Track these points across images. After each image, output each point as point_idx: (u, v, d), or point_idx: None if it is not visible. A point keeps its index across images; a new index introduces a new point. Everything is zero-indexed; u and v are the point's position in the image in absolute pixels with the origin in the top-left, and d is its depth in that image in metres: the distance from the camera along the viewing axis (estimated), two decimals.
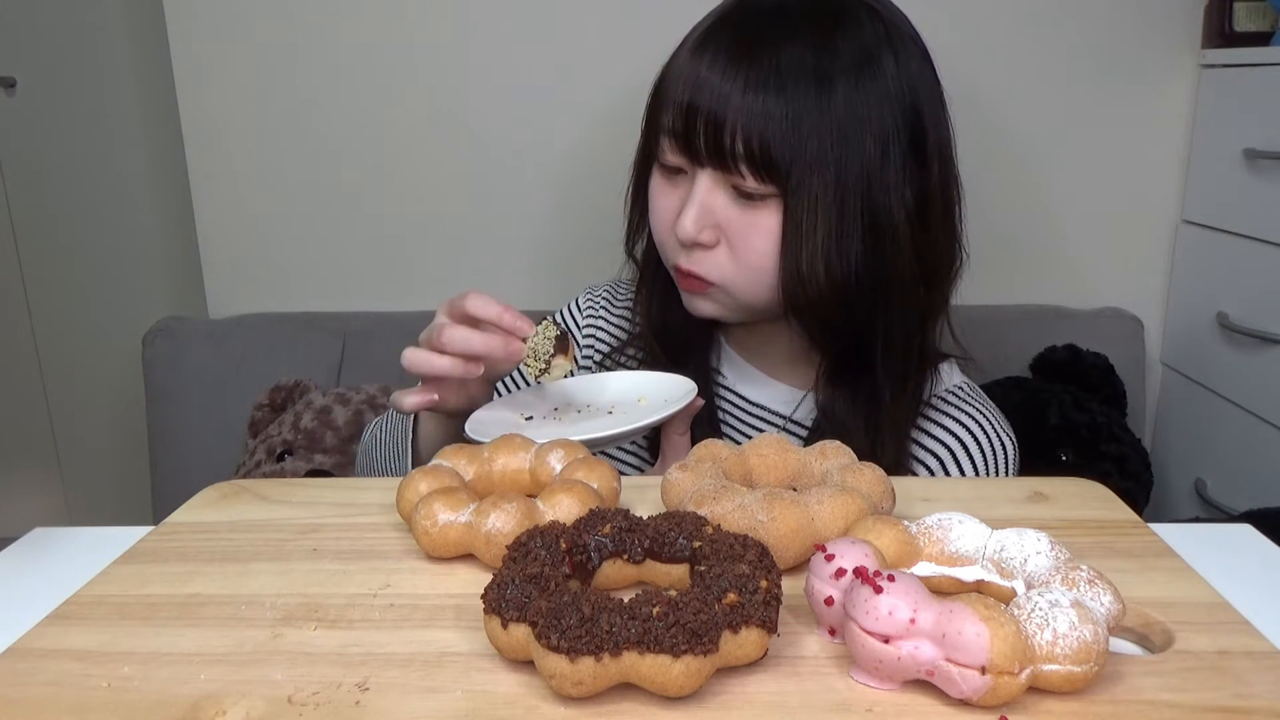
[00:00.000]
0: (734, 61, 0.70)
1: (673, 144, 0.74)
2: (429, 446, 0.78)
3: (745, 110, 0.69)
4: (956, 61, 1.39)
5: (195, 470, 1.39)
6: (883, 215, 0.72)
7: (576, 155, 1.45)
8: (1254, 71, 1.27)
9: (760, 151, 0.69)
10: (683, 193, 0.75)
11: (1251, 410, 1.29)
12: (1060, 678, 0.37)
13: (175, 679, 0.40)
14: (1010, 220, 1.45)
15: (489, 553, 0.48)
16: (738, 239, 0.73)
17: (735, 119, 0.69)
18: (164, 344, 1.44)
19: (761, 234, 0.72)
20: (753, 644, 0.39)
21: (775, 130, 0.69)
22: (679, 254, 0.76)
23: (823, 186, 0.70)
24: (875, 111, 0.71)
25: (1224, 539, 0.59)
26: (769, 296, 0.75)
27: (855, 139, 0.70)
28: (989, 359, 1.36)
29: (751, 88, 0.69)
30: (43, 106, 1.85)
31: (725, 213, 0.73)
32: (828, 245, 0.71)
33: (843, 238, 0.71)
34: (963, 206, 0.78)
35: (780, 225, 0.71)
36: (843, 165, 0.70)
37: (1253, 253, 1.28)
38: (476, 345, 0.68)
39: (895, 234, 0.72)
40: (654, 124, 0.77)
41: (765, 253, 0.72)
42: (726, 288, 0.75)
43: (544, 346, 0.70)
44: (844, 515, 0.48)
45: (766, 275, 0.73)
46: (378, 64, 1.43)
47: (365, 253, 1.51)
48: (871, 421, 0.77)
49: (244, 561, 0.51)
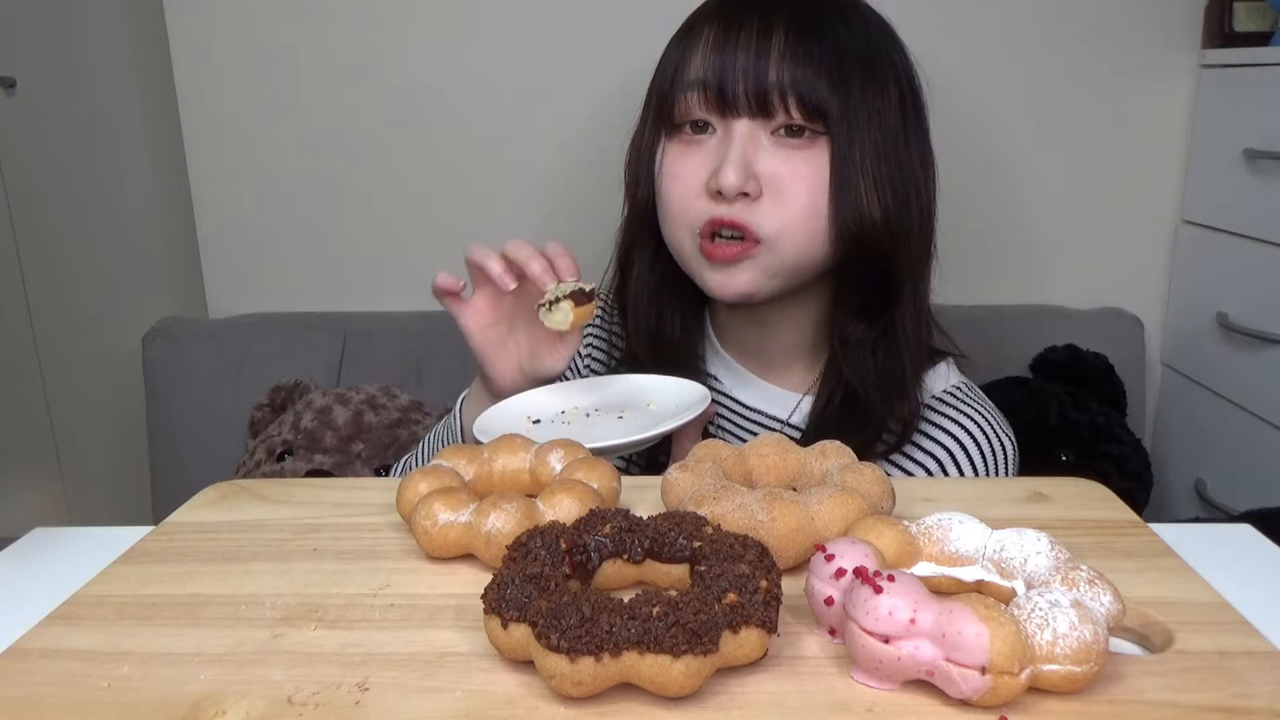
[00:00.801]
0: (766, 19, 0.72)
1: (702, 97, 0.73)
2: None
3: (788, 53, 0.70)
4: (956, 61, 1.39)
5: (195, 470, 1.39)
6: (904, 159, 0.75)
7: (577, 155, 1.45)
8: (1254, 71, 1.27)
9: (809, 88, 0.70)
10: (708, 153, 0.74)
11: (1251, 410, 1.29)
12: (1060, 678, 0.37)
13: (175, 679, 0.40)
14: (1010, 220, 1.45)
15: (489, 553, 0.48)
16: (784, 185, 0.72)
17: (779, 62, 0.70)
18: (164, 344, 1.44)
19: (809, 177, 0.72)
20: (753, 644, 0.39)
21: (820, 69, 0.71)
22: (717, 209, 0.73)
23: (867, 123, 0.72)
24: (891, 70, 0.75)
25: (1224, 539, 0.58)
26: (817, 247, 0.74)
27: (885, 85, 0.74)
28: (989, 359, 1.36)
29: (793, 39, 0.71)
30: (43, 106, 1.85)
31: (768, 160, 0.72)
32: (878, 182, 0.73)
33: (888, 177, 0.74)
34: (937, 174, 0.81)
35: (829, 164, 0.72)
36: (882, 105, 0.73)
37: (1253, 253, 1.28)
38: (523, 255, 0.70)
39: (914, 179, 0.76)
40: (671, 86, 0.76)
41: (816, 194, 0.72)
42: (775, 243, 0.73)
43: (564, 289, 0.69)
44: (844, 515, 0.48)
45: (819, 218, 0.73)
46: (378, 64, 1.43)
47: (365, 253, 1.51)
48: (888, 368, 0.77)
49: (244, 561, 0.51)
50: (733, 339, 0.86)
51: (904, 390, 0.77)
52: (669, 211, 0.78)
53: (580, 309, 0.68)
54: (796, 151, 0.72)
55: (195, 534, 0.55)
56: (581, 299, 0.69)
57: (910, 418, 0.77)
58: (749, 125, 0.72)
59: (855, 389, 0.78)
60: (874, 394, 0.77)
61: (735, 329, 0.85)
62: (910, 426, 0.78)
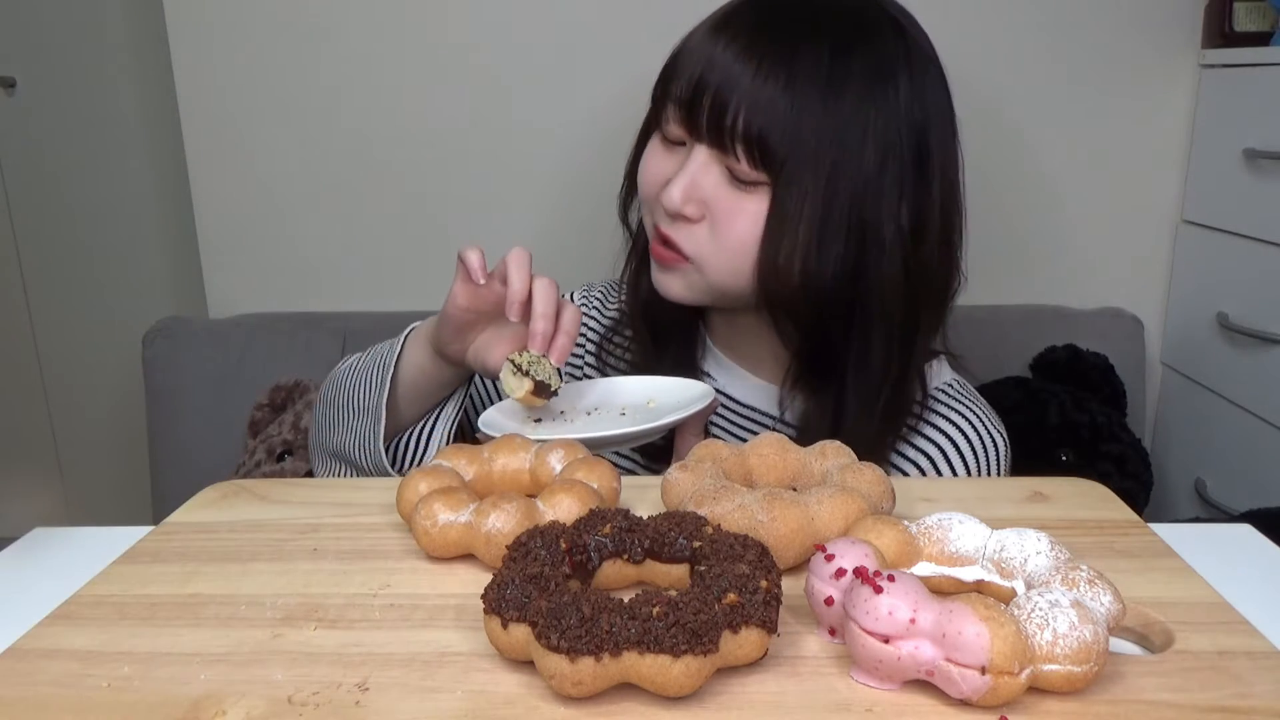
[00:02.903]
0: (751, 47, 0.71)
1: (677, 114, 0.74)
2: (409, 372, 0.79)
3: (751, 95, 0.70)
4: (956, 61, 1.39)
5: (195, 470, 1.39)
6: (872, 226, 0.72)
7: (578, 155, 1.45)
8: (1254, 71, 1.27)
9: (758, 137, 0.70)
10: (676, 163, 0.75)
11: (1251, 410, 1.29)
12: (1060, 678, 0.37)
13: (175, 679, 0.40)
14: (1010, 220, 1.45)
15: (489, 553, 0.48)
16: (722, 219, 0.73)
17: (740, 101, 0.70)
18: (164, 344, 1.44)
19: (746, 218, 0.72)
20: (753, 644, 0.39)
21: (777, 120, 0.69)
22: (661, 220, 0.76)
23: (814, 184, 0.70)
24: (880, 124, 0.71)
25: (1224, 539, 0.59)
26: (741, 283, 0.75)
27: (855, 146, 0.70)
28: (989, 359, 1.36)
29: (761, 76, 0.70)
30: (43, 106, 1.85)
31: (714, 191, 0.73)
32: (808, 242, 0.71)
33: (825, 238, 0.71)
34: (965, 233, 0.78)
35: (766, 214, 0.72)
36: (838, 168, 0.70)
37: (1253, 253, 1.28)
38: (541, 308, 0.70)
39: (883, 246, 0.72)
40: (663, 92, 0.77)
41: (746, 237, 0.73)
42: (700, 265, 0.75)
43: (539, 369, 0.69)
44: (844, 515, 0.48)
45: (744, 260, 0.73)
46: (378, 64, 1.43)
47: (365, 253, 1.51)
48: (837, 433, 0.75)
49: (244, 561, 0.51)
50: (723, 336, 0.86)
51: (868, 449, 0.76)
52: (640, 197, 0.81)
53: (532, 396, 0.69)
54: (743, 191, 0.73)
55: (195, 534, 0.55)
56: (543, 392, 0.69)
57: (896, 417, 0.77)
58: (707, 153, 0.73)
59: None
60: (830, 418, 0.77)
61: (725, 326, 0.85)
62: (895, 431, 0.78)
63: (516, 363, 0.69)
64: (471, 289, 0.73)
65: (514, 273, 0.70)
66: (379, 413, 0.78)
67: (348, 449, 0.80)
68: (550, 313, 0.70)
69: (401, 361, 0.80)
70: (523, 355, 0.69)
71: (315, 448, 0.87)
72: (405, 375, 0.80)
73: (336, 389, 0.84)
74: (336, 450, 0.82)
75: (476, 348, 0.76)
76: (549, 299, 0.71)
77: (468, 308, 0.74)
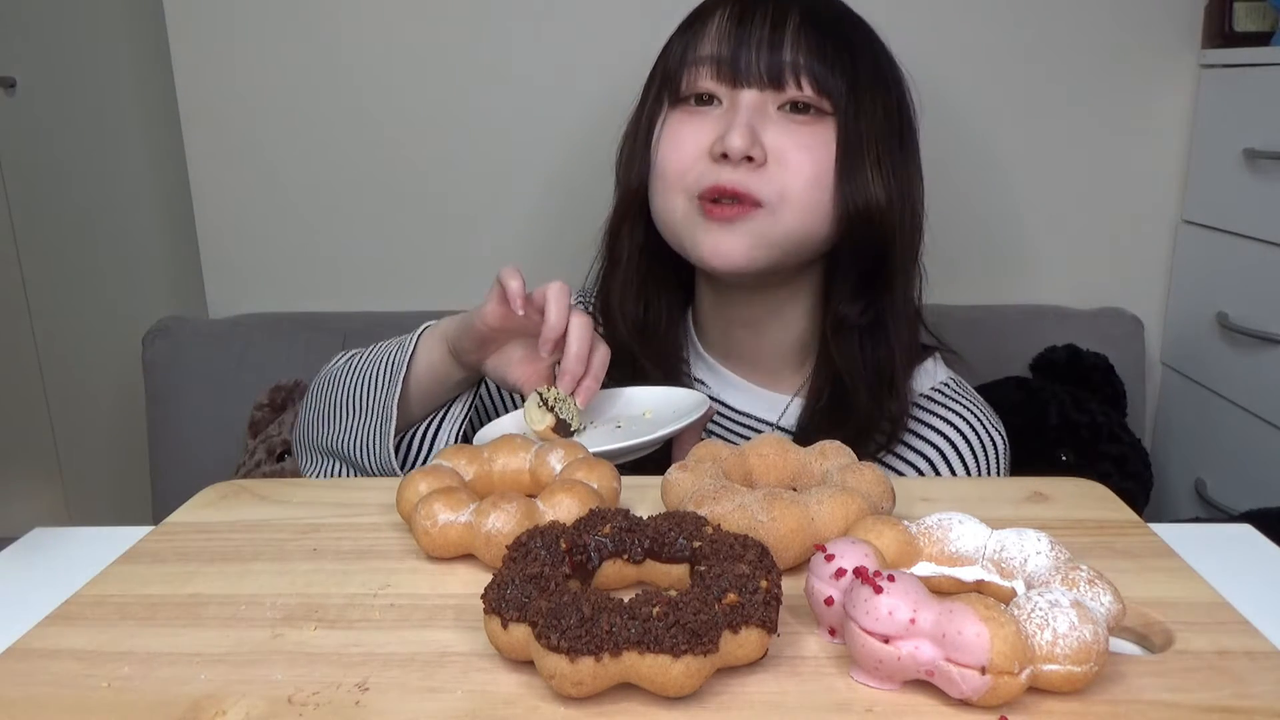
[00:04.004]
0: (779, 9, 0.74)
1: (713, 69, 0.75)
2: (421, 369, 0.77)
3: (801, 36, 0.73)
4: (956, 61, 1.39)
5: (195, 470, 1.39)
6: (901, 155, 0.77)
7: (578, 156, 1.45)
8: (1254, 71, 1.27)
9: (821, 67, 0.73)
10: (712, 121, 0.75)
11: (1251, 410, 1.29)
12: (1060, 678, 0.37)
13: (175, 679, 0.40)
14: (1010, 220, 1.45)
15: (489, 553, 0.48)
16: (792, 156, 0.73)
17: (793, 42, 0.73)
18: (164, 344, 1.44)
19: (818, 147, 0.74)
20: (753, 644, 0.39)
21: (831, 54, 0.73)
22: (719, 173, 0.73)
23: (873, 106, 0.75)
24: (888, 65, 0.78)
25: (1224, 539, 0.59)
26: (816, 221, 0.74)
27: (885, 75, 0.77)
28: (989, 359, 1.36)
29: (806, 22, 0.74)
30: (43, 106, 1.85)
31: (775, 131, 0.73)
32: (881, 163, 0.74)
33: (893, 157, 0.76)
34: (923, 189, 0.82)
35: (836, 143, 0.74)
36: (886, 91, 0.76)
37: (1253, 253, 1.28)
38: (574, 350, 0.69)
39: (911, 174, 0.78)
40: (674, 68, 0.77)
41: (822, 167, 0.73)
42: (776, 208, 0.73)
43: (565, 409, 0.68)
44: (844, 515, 0.48)
45: (823, 191, 0.74)
46: (378, 64, 1.43)
47: (365, 253, 1.51)
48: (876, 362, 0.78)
49: (244, 561, 0.51)
50: (717, 342, 0.85)
51: (893, 385, 0.77)
52: (666, 176, 0.76)
53: (552, 431, 0.69)
54: (803, 127, 0.74)
55: (195, 534, 0.55)
56: (564, 430, 0.69)
57: (899, 416, 0.78)
58: (758, 96, 0.73)
59: (845, 386, 0.78)
60: (862, 387, 0.77)
61: (721, 331, 0.84)
62: (899, 425, 0.78)
63: (544, 397, 0.68)
64: (505, 312, 0.71)
65: (553, 309, 0.69)
66: (388, 412, 0.76)
67: (348, 448, 0.79)
68: (584, 354, 0.69)
69: (413, 362, 0.78)
70: (550, 391, 0.69)
71: (304, 444, 0.85)
72: (416, 376, 0.78)
73: (333, 386, 0.82)
74: (333, 449, 0.81)
75: (498, 362, 0.75)
76: (584, 339, 0.69)
77: (498, 328, 0.72)
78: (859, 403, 0.77)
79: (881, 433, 0.77)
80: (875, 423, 0.77)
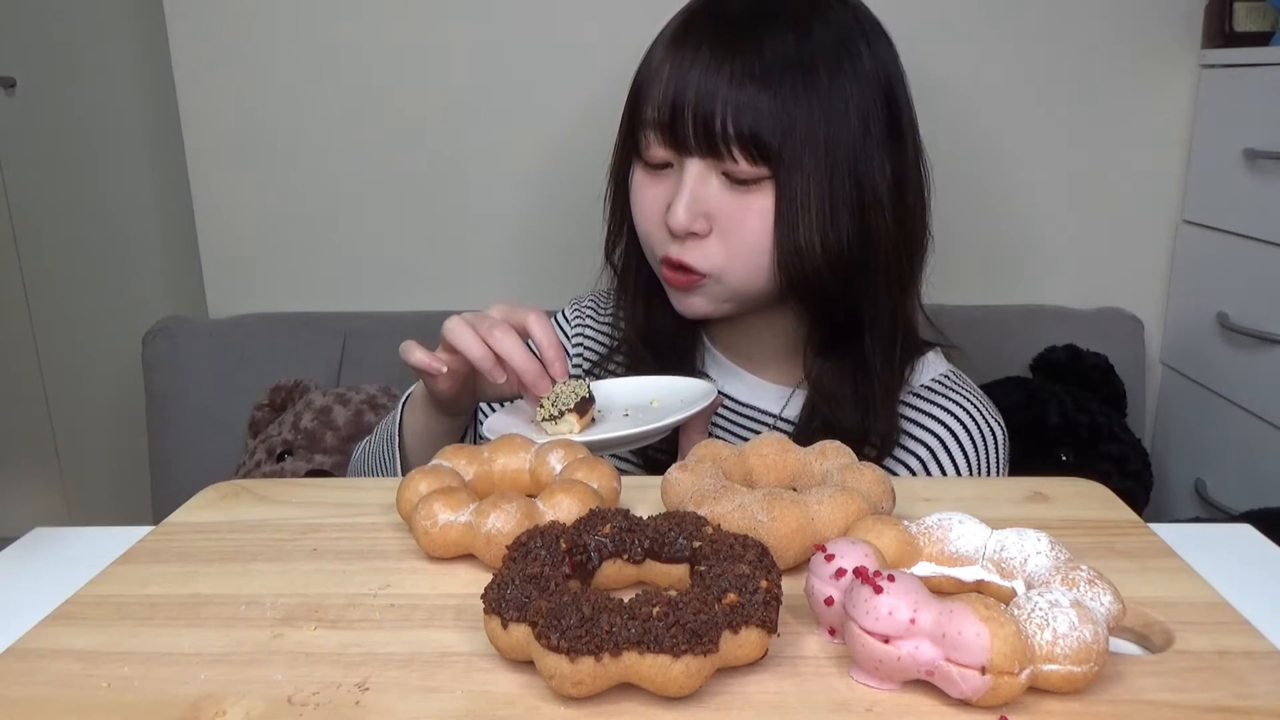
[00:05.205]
0: (717, 55, 0.72)
1: (659, 136, 0.75)
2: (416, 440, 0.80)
3: (734, 99, 0.71)
4: (956, 61, 1.39)
5: (195, 470, 1.39)
6: (867, 188, 0.74)
7: (576, 155, 1.45)
8: (1254, 71, 1.27)
9: (752, 135, 0.71)
10: (668, 186, 0.76)
11: (1251, 410, 1.29)
12: (1060, 678, 0.37)
13: (175, 679, 0.40)
14: (1010, 220, 1.45)
15: (489, 553, 0.48)
16: (731, 224, 0.74)
17: (724, 108, 0.71)
18: (164, 344, 1.44)
19: (755, 216, 0.73)
20: (753, 644, 0.39)
21: (765, 114, 0.71)
22: (669, 246, 0.76)
23: (814, 162, 0.72)
24: (856, 91, 0.73)
25: (1224, 539, 0.59)
26: (762, 281, 0.75)
27: (840, 117, 0.73)
28: (989, 359, 1.36)
29: (738, 79, 0.71)
30: (43, 106, 1.85)
31: (716, 200, 0.74)
32: (822, 218, 0.73)
33: (835, 210, 0.73)
34: (930, 184, 0.81)
35: (774, 205, 0.73)
36: (831, 142, 0.72)
37: (1253, 253, 1.28)
38: (518, 360, 0.69)
39: (879, 205, 0.75)
40: (635, 120, 0.77)
41: (760, 234, 0.73)
42: (720, 277, 0.76)
43: (567, 398, 0.68)
44: (844, 515, 0.48)
45: (761, 257, 0.74)
46: (377, 65, 1.43)
47: (365, 253, 1.51)
48: (861, 391, 0.78)
49: (244, 561, 0.51)
50: (720, 337, 0.86)
51: (878, 412, 0.78)
52: (639, 236, 0.80)
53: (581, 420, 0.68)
54: (744, 192, 0.74)
55: (195, 534, 0.55)
56: (586, 409, 0.69)
57: (887, 435, 0.78)
58: (701, 164, 0.74)
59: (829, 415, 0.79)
60: (847, 419, 0.78)
61: (722, 328, 0.85)
62: (889, 442, 0.79)
63: (548, 414, 0.68)
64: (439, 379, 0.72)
65: (467, 347, 0.69)
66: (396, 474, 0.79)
67: None
68: (524, 354, 0.69)
69: (404, 432, 0.80)
70: (543, 406, 0.69)
71: None
72: (412, 444, 0.80)
73: None
74: None
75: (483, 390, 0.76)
76: (514, 343, 0.69)
77: (451, 385, 0.73)
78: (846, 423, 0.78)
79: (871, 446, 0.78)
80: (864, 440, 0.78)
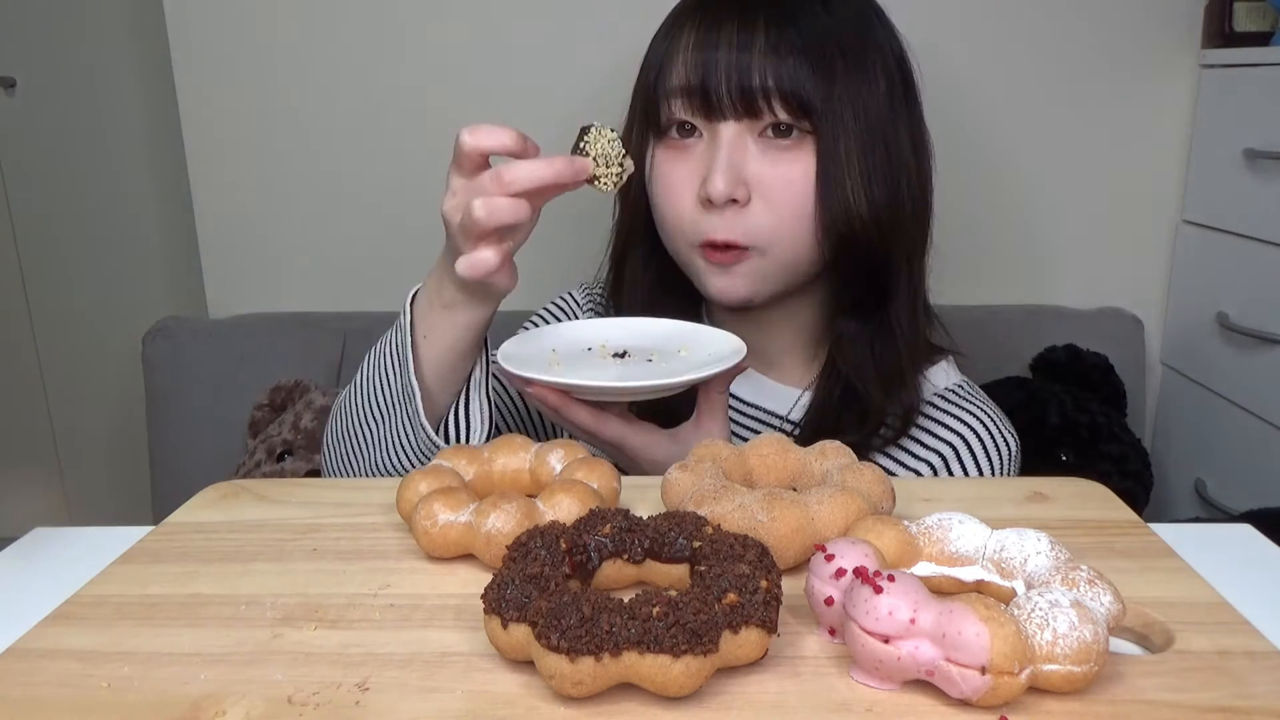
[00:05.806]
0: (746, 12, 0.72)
1: (688, 101, 0.73)
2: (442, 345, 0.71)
3: (770, 48, 0.71)
4: (956, 61, 1.39)
5: (195, 470, 1.39)
6: (894, 147, 0.75)
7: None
8: (1254, 71, 1.27)
9: (792, 91, 0.71)
10: (695, 160, 0.74)
11: (1251, 410, 1.29)
12: (1060, 678, 0.37)
13: (175, 679, 0.40)
14: (1010, 220, 1.45)
15: (489, 553, 0.48)
16: (772, 188, 0.73)
17: (762, 60, 0.71)
18: (164, 344, 1.44)
19: (798, 175, 0.73)
20: (753, 644, 0.39)
21: (804, 68, 0.71)
22: (707, 225, 0.74)
23: (853, 118, 0.72)
24: (878, 55, 0.75)
25: (1224, 539, 0.59)
26: (806, 248, 0.75)
27: (871, 81, 0.74)
28: (989, 359, 1.35)
29: (774, 33, 0.71)
30: (43, 106, 1.85)
31: (755, 165, 0.73)
32: (866, 174, 0.73)
33: (875, 170, 0.73)
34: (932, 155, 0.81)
35: (816, 163, 0.72)
36: (864, 103, 0.73)
37: (1253, 253, 1.28)
38: (547, 174, 0.60)
39: (905, 168, 0.76)
40: (657, 91, 0.76)
41: (804, 195, 0.73)
42: (765, 247, 0.74)
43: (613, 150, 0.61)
44: (844, 515, 0.48)
45: (806, 220, 0.73)
46: (377, 65, 1.43)
47: (365, 253, 1.51)
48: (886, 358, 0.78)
49: (244, 561, 0.51)
50: None
51: (903, 381, 0.78)
52: (666, 223, 0.78)
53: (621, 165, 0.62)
54: (784, 153, 0.73)
55: (195, 534, 0.55)
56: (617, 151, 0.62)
57: (910, 408, 0.78)
58: (735, 128, 0.72)
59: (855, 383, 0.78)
60: (873, 387, 0.77)
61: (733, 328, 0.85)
62: (910, 417, 0.78)
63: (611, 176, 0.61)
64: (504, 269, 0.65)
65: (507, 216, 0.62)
66: (411, 390, 0.70)
67: (383, 456, 0.74)
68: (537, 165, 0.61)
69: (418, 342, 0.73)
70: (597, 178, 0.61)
71: None
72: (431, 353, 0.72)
73: (348, 412, 0.78)
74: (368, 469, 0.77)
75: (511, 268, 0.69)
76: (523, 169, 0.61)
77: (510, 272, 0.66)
78: (870, 398, 0.77)
79: (890, 427, 0.78)
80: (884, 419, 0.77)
